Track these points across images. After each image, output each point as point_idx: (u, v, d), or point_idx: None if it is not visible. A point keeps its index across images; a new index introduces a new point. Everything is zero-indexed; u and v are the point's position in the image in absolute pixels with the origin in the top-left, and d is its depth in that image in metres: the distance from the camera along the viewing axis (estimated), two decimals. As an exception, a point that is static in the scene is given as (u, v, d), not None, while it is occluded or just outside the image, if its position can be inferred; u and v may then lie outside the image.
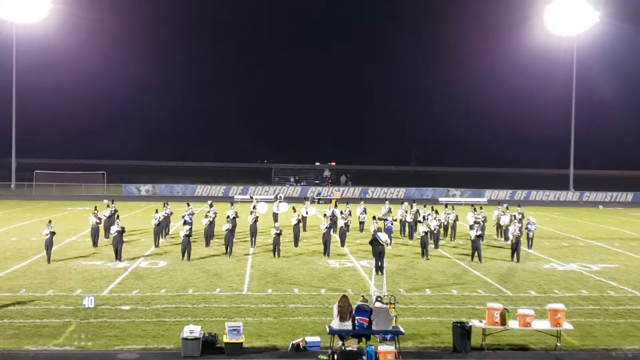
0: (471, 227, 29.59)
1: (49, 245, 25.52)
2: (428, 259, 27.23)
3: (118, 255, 26.07)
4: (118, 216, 29.10)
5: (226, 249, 27.41)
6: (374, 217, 29.11)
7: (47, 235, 25.36)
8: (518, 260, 26.95)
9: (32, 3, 69.87)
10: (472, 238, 27.46)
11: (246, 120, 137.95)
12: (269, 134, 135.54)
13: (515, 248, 27.35)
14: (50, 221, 26.48)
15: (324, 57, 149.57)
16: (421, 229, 28.49)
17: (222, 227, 28.56)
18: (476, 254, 27.02)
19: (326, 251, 28.11)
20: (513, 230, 27.99)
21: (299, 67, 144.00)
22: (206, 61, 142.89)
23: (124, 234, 26.61)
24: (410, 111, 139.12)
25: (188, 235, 26.59)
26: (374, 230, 25.92)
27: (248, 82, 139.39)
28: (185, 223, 28.38)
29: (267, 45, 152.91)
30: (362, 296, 15.35)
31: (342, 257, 27.47)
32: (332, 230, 33.67)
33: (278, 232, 27.32)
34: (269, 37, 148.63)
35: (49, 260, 25.28)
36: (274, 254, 27.38)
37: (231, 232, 28.09)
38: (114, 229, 26.46)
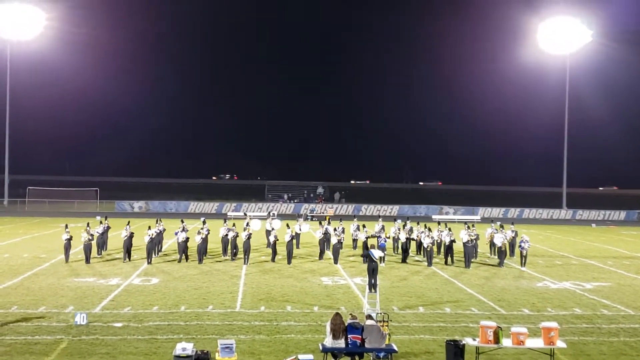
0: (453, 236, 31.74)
1: (67, 247, 29.32)
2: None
3: (128, 256, 29.76)
4: (129, 222, 32.06)
5: (231, 253, 31.20)
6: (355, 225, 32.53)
7: (65, 240, 29.14)
8: (501, 265, 30.40)
9: (26, 20, 70.15)
10: (447, 244, 30.92)
11: (240, 137, 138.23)
12: (263, 151, 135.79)
13: (500, 255, 30.92)
14: (67, 225, 30.91)
15: (320, 76, 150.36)
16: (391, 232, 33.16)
17: (219, 233, 31.87)
18: (449, 257, 30.70)
19: (321, 255, 32.18)
20: (500, 238, 31.20)
21: (294, 86, 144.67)
22: (200, 78, 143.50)
23: (132, 238, 30.08)
24: (404, 129, 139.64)
25: (185, 242, 29.92)
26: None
27: (242, 99, 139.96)
28: (183, 230, 30.63)
29: (263, 63, 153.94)
30: (351, 314, 15.29)
31: (335, 275, 27.40)
32: (325, 245, 33.94)
33: (275, 239, 30.64)
34: (266, 55, 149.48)
35: (67, 260, 29.24)
36: (272, 259, 30.66)
37: (234, 237, 31.29)
38: (124, 234, 30.01)
